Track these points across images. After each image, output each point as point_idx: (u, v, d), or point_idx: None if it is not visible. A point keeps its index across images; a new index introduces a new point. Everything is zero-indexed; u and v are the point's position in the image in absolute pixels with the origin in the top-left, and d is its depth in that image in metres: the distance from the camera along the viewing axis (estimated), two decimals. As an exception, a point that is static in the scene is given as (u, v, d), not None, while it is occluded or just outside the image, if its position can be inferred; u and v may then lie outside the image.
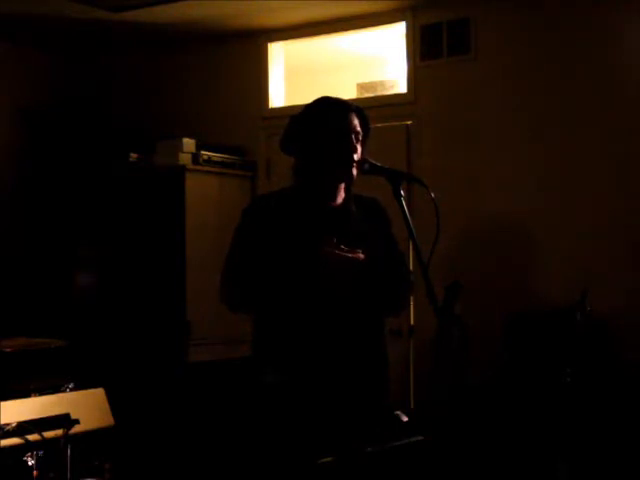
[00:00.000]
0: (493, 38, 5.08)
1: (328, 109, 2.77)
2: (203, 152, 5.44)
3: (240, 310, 2.83)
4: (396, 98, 5.48)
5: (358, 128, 2.75)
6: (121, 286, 5.50)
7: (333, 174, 2.75)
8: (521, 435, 4.27)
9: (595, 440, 4.16)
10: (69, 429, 3.00)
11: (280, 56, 5.90)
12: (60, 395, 3.30)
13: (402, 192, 2.56)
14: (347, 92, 5.85)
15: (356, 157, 2.71)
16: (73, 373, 3.55)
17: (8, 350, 3.71)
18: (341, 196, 2.81)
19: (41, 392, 3.28)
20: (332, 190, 2.79)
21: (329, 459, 2.42)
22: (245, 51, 5.92)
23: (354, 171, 2.72)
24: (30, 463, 2.93)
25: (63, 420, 3.04)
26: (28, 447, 2.91)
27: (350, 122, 2.74)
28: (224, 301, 2.76)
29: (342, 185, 2.80)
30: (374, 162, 2.69)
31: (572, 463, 4.15)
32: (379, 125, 2.89)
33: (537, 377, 4.38)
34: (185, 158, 5.37)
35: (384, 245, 2.80)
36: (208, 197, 5.47)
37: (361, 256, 2.63)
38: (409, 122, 5.34)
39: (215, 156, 5.53)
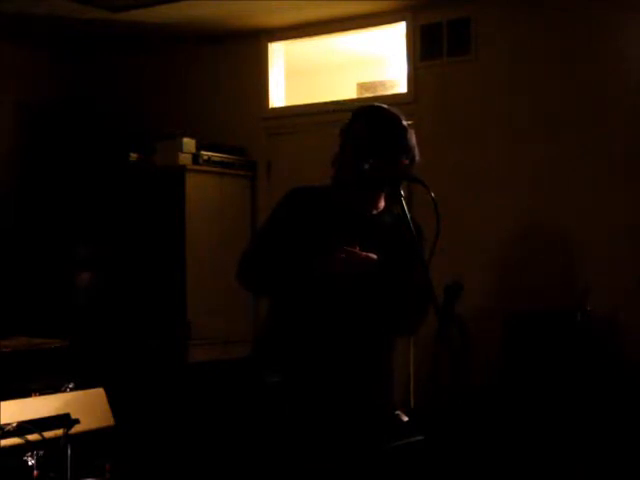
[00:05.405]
0: (493, 38, 5.08)
1: (355, 121, 2.77)
2: (203, 152, 5.44)
3: (252, 291, 2.96)
4: (396, 98, 5.47)
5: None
6: (121, 286, 5.50)
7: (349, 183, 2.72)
8: (521, 435, 4.27)
9: (595, 440, 4.16)
10: (69, 429, 3.00)
11: (280, 56, 5.90)
12: (60, 395, 3.30)
13: (402, 192, 2.55)
14: (347, 92, 5.85)
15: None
16: (73, 373, 3.56)
17: (8, 350, 3.72)
18: (378, 207, 2.76)
19: (41, 392, 3.28)
20: (365, 199, 2.75)
21: (329, 459, 2.41)
22: (245, 51, 5.92)
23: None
24: (30, 463, 2.93)
25: (63, 420, 3.04)
26: (28, 447, 2.91)
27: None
28: (239, 278, 2.76)
29: (380, 196, 2.76)
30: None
31: (571, 463, 4.15)
32: (379, 125, 2.88)
33: (537, 377, 4.38)
34: (185, 158, 5.37)
35: (407, 265, 2.69)
36: (208, 197, 5.47)
37: (373, 257, 2.59)
38: (409, 122, 5.31)
39: (215, 156, 5.53)
